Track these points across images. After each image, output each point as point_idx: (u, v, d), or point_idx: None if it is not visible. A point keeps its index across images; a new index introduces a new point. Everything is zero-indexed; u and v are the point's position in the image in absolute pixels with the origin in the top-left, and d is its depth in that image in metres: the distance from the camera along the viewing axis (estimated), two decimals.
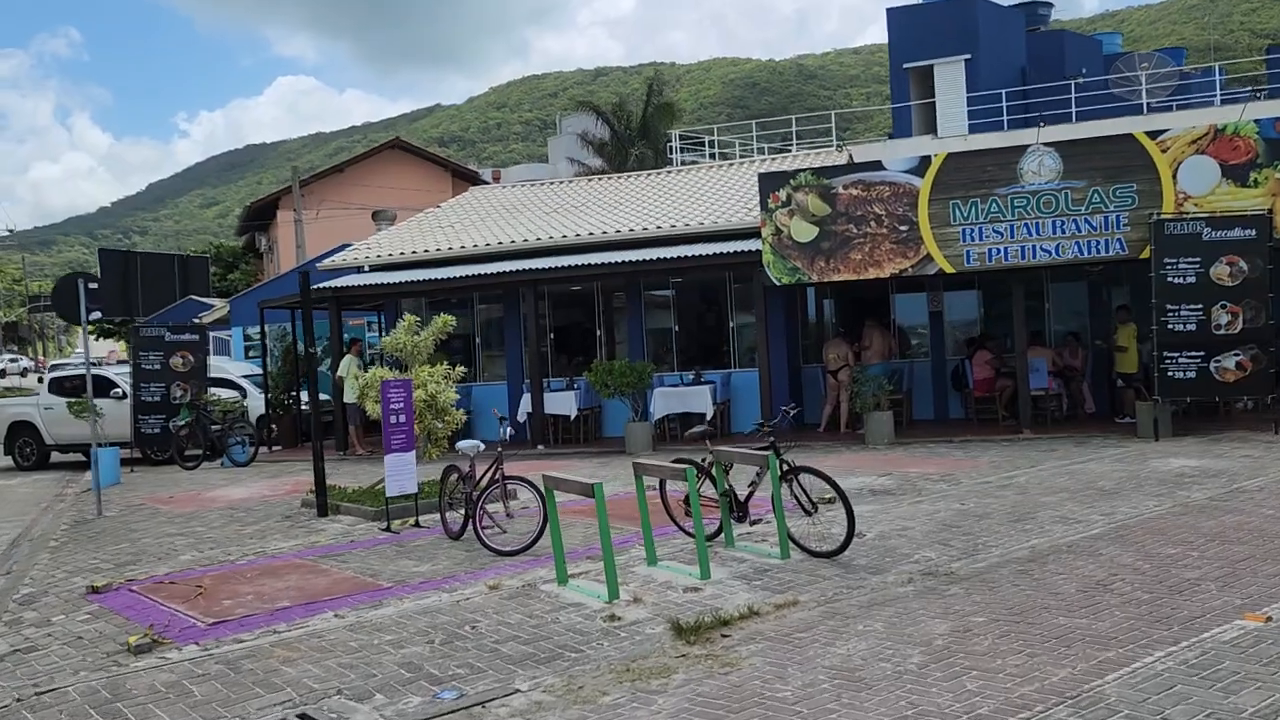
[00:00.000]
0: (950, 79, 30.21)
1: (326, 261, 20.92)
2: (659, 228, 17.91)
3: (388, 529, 10.42)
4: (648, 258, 16.65)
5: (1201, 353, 13.71)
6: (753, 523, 8.67)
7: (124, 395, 19.75)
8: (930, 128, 29.93)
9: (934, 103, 30.23)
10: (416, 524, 10.56)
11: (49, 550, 10.60)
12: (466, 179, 39.23)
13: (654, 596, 7.09)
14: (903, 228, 15.09)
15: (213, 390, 20.25)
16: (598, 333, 19.09)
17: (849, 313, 18.91)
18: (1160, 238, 13.78)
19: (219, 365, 23.74)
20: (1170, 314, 13.78)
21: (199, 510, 12.66)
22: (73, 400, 17.02)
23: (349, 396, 17.07)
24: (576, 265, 16.69)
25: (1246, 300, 13.58)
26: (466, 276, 17.36)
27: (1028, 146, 14.74)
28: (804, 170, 15.75)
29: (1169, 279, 13.76)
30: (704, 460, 8.64)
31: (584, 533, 9.68)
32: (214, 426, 18.18)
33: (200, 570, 8.95)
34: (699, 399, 16.75)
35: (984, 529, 8.82)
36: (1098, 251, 14.29)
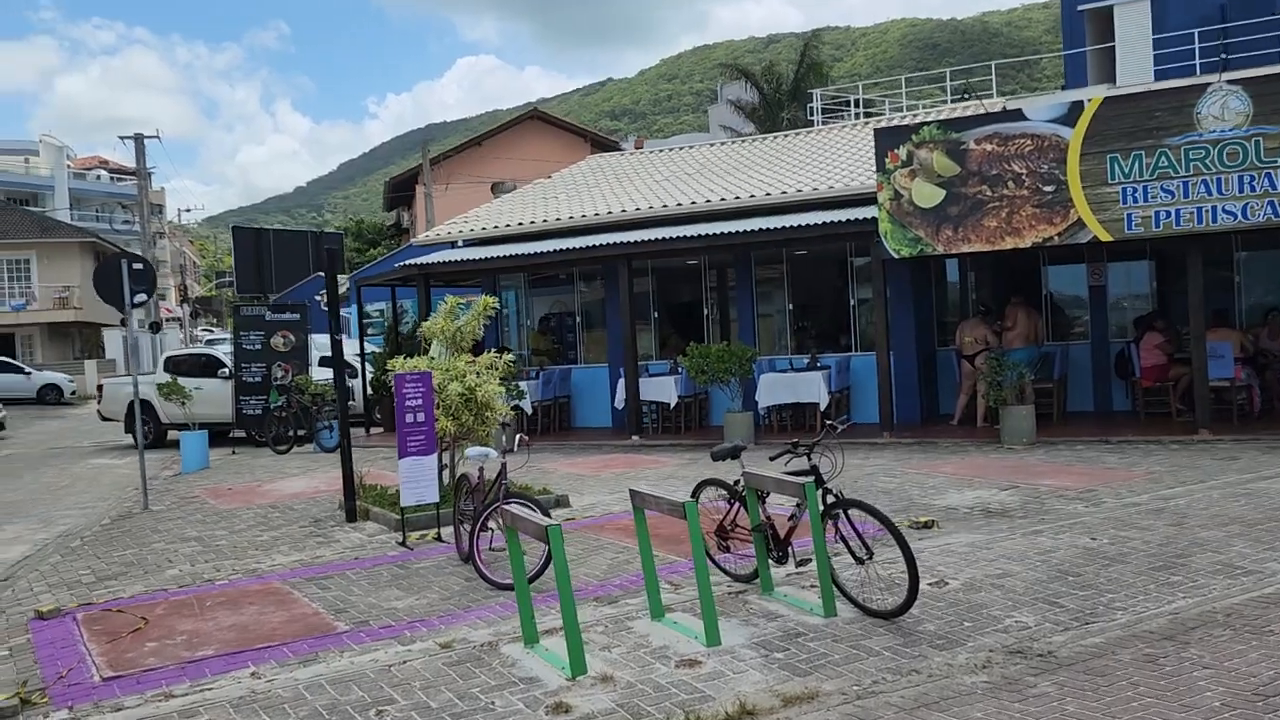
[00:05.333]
0: (1133, 20, 26.55)
1: (421, 237, 19.94)
2: (768, 195, 15.92)
3: (403, 543, 9.13)
4: (751, 228, 14.74)
5: None
6: (800, 562, 6.83)
7: (230, 375, 19.50)
8: (1109, 77, 26.45)
9: (1113, 48, 26.68)
10: (438, 537, 9.24)
11: (64, 553, 9.86)
12: (606, 149, 37.88)
13: (632, 673, 5.42)
14: (1048, 188, 12.63)
15: (319, 370, 19.75)
16: (706, 311, 17.34)
17: (993, 287, 16.45)
18: None
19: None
20: None
21: (240, 507, 11.77)
22: (162, 383, 16.62)
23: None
24: (671, 238, 14.95)
25: None
26: (552, 251, 15.90)
27: (1207, 85, 11.98)
28: (927, 124, 13.43)
29: None
30: (736, 483, 6.87)
31: (611, 560, 8.11)
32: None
33: (170, 593, 7.87)
34: (809, 387, 14.82)
35: (1112, 580, 6.70)
36: None
